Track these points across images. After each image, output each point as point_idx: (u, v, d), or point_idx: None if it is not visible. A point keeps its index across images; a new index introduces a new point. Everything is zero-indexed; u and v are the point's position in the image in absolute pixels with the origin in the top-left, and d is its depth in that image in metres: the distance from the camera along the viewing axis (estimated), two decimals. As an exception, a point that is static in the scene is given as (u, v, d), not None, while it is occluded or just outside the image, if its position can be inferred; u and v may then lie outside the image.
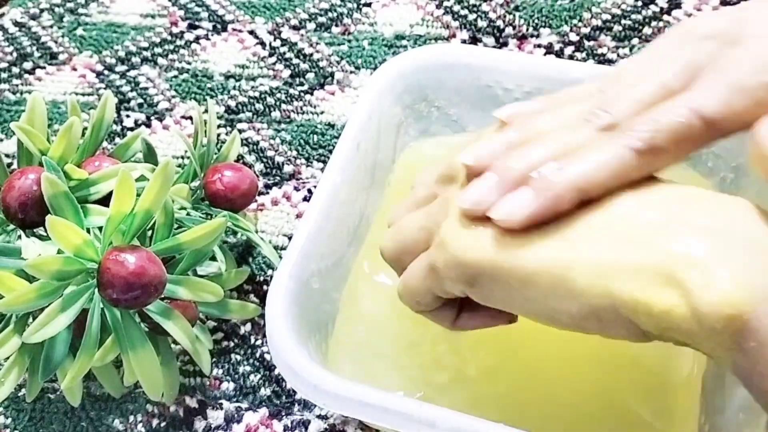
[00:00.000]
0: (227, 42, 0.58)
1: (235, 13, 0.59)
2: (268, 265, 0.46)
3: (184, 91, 0.55)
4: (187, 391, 0.42)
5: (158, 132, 0.53)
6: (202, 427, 0.41)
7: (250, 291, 0.45)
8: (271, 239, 0.47)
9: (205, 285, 0.38)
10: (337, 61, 0.55)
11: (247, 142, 0.52)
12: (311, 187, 0.49)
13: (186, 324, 0.37)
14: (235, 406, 0.41)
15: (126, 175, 0.34)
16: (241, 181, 0.43)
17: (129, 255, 0.34)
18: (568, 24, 0.55)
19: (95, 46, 0.58)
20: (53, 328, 0.33)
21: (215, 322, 0.44)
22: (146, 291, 0.34)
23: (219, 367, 0.43)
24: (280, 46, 0.57)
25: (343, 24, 0.58)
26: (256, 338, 0.43)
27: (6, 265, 0.36)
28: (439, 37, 0.56)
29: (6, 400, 0.42)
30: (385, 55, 0.55)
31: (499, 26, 0.56)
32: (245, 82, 0.55)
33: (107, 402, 0.42)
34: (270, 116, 0.53)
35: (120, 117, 0.54)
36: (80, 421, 0.41)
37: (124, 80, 0.56)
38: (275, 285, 0.35)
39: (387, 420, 0.31)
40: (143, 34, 0.59)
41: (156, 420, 0.41)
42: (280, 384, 0.42)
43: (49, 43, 0.59)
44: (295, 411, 0.41)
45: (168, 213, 0.36)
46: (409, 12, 0.58)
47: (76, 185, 0.38)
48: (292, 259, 0.36)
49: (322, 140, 0.51)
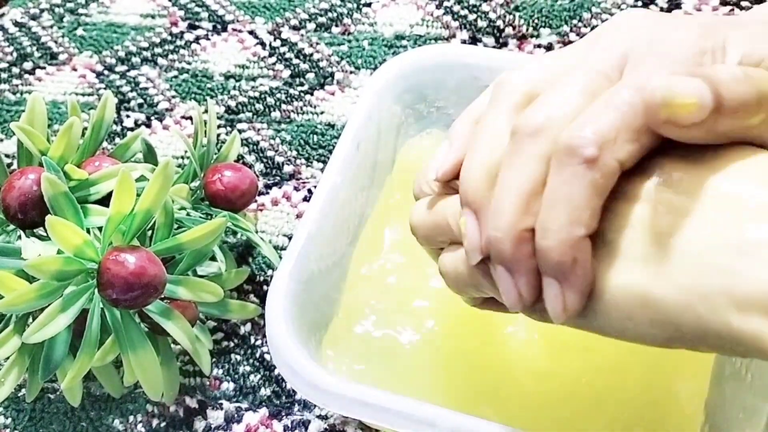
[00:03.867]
0: (227, 42, 0.58)
1: (235, 13, 0.59)
2: (268, 265, 0.46)
3: (184, 91, 0.55)
4: (187, 391, 0.42)
5: (158, 132, 0.53)
6: (202, 427, 0.41)
7: (250, 291, 0.45)
8: (271, 239, 0.47)
9: (205, 285, 0.38)
10: (337, 61, 0.55)
11: (247, 142, 0.52)
12: (311, 187, 0.49)
13: (186, 324, 0.37)
14: (235, 406, 0.41)
15: (126, 175, 0.34)
16: (241, 181, 0.43)
17: (129, 255, 0.34)
18: (568, 24, 0.55)
19: (95, 46, 0.58)
20: (53, 328, 0.33)
21: (215, 322, 0.44)
22: (146, 291, 0.34)
23: (219, 367, 0.43)
24: (280, 46, 0.57)
25: (343, 24, 0.58)
26: (256, 338, 0.43)
27: (6, 265, 0.36)
28: (439, 37, 0.56)
29: (6, 400, 0.42)
30: (385, 55, 0.55)
31: (499, 26, 0.56)
32: (245, 82, 0.55)
33: (107, 402, 0.42)
34: (270, 116, 0.53)
35: (120, 117, 0.54)
36: (80, 421, 0.41)
37: (124, 80, 0.56)
38: (275, 285, 0.35)
39: (387, 420, 0.31)
40: (143, 34, 0.59)
41: (156, 420, 0.41)
42: (280, 384, 0.42)
43: (49, 43, 0.59)
44: (295, 411, 0.41)
45: (168, 213, 0.36)
46: (409, 12, 0.58)
47: (76, 185, 0.38)
48: (292, 259, 0.36)
49: (322, 140, 0.51)
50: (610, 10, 0.55)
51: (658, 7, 0.55)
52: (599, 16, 0.55)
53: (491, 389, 0.37)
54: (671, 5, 0.55)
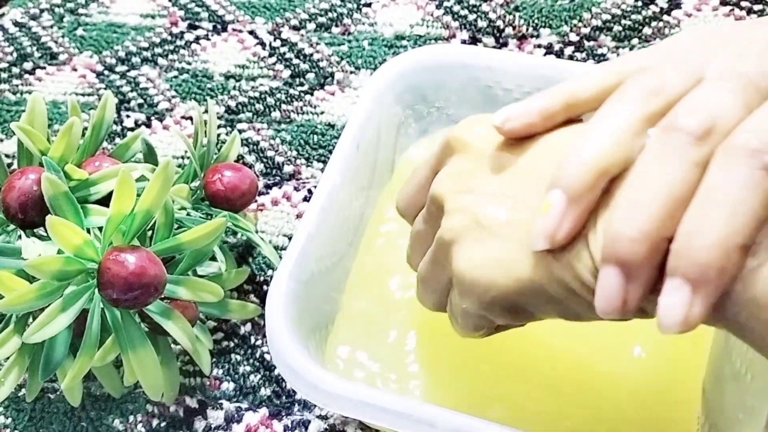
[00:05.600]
0: (227, 42, 0.58)
1: (235, 13, 0.59)
2: (268, 265, 0.46)
3: (184, 91, 0.55)
4: (187, 391, 0.42)
5: (158, 132, 0.53)
6: (202, 427, 0.41)
7: (250, 291, 0.45)
8: (271, 239, 0.47)
9: (205, 285, 0.38)
10: (337, 61, 0.55)
11: (247, 142, 0.52)
12: (311, 187, 0.49)
13: (186, 324, 0.37)
14: (235, 406, 0.41)
15: (126, 175, 0.34)
16: (241, 181, 0.43)
17: (129, 255, 0.34)
18: (568, 24, 0.55)
19: (95, 47, 0.58)
20: (53, 328, 0.33)
21: (215, 322, 0.44)
22: (146, 291, 0.34)
23: (219, 367, 0.43)
24: (280, 47, 0.57)
25: (343, 24, 0.58)
26: (256, 338, 0.43)
27: (6, 265, 0.36)
28: (439, 37, 0.56)
29: (6, 400, 0.42)
30: (385, 55, 0.55)
31: (499, 26, 0.56)
32: (245, 82, 0.55)
33: (107, 402, 0.42)
34: (270, 116, 0.53)
35: (120, 117, 0.54)
36: (80, 421, 0.41)
37: (124, 80, 0.56)
38: (275, 285, 0.35)
39: (387, 420, 0.31)
40: (143, 34, 0.59)
41: (156, 420, 0.41)
42: (280, 384, 0.42)
43: (49, 43, 0.59)
44: (295, 411, 0.41)
45: (168, 213, 0.36)
46: (409, 12, 0.58)
47: (76, 185, 0.38)
48: (292, 259, 0.36)
49: (322, 140, 0.51)
50: (610, 10, 0.55)
51: (658, 7, 0.55)
52: (599, 16, 0.55)
53: (494, 389, 0.37)
54: (671, 5, 0.55)
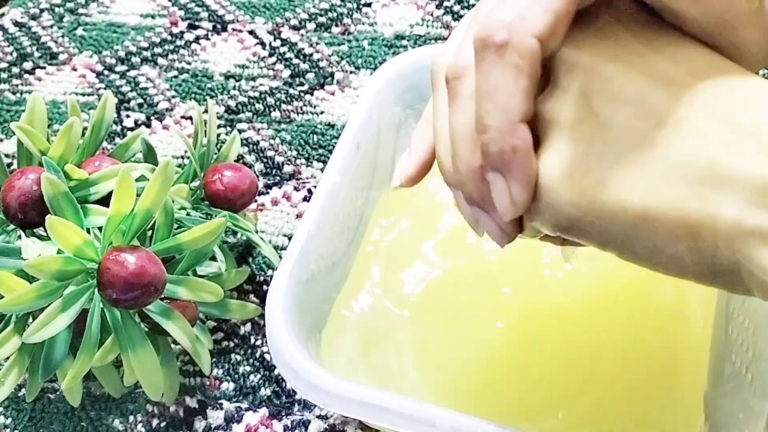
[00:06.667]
0: (227, 42, 0.58)
1: (235, 13, 0.59)
2: (268, 265, 0.46)
3: (184, 91, 0.55)
4: (187, 391, 0.42)
5: (158, 132, 0.53)
6: (202, 427, 0.41)
7: (250, 291, 0.45)
8: (271, 239, 0.47)
9: (205, 285, 0.38)
10: (337, 61, 0.55)
11: (247, 142, 0.52)
12: (311, 187, 0.49)
13: (186, 324, 0.37)
14: (235, 406, 0.41)
15: (126, 175, 0.34)
16: (241, 181, 0.43)
17: (129, 255, 0.34)
18: (568, 24, 0.55)
19: (95, 46, 0.58)
20: (53, 328, 0.33)
21: (215, 322, 0.44)
22: (146, 291, 0.34)
23: (219, 367, 0.43)
24: (280, 46, 0.57)
25: (343, 24, 0.58)
26: (256, 338, 0.43)
27: (6, 265, 0.36)
28: (439, 37, 0.56)
29: (6, 400, 0.42)
30: (385, 55, 0.55)
31: (499, 26, 0.56)
32: (245, 82, 0.55)
33: (107, 402, 0.42)
34: (270, 116, 0.53)
35: (120, 117, 0.54)
36: (80, 421, 0.41)
37: (124, 80, 0.56)
38: (275, 285, 0.35)
39: (387, 420, 0.31)
40: (143, 34, 0.59)
41: (156, 420, 0.41)
42: (280, 384, 0.42)
43: (49, 43, 0.59)
44: (295, 411, 0.41)
45: (168, 213, 0.36)
46: (409, 12, 0.58)
47: (76, 185, 0.38)
48: (292, 259, 0.36)
49: (322, 140, 0.51)
50: (610, 10, 0.55)
51: None
52: (599, 16, 0.55)
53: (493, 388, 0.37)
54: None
